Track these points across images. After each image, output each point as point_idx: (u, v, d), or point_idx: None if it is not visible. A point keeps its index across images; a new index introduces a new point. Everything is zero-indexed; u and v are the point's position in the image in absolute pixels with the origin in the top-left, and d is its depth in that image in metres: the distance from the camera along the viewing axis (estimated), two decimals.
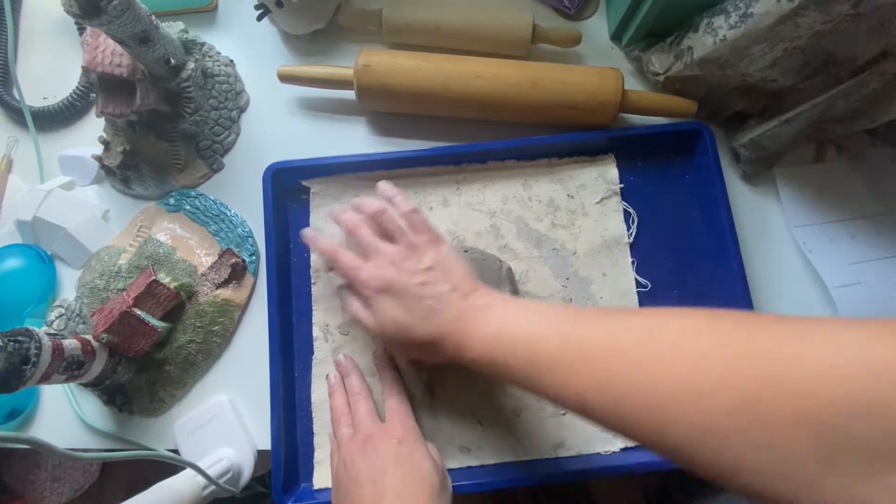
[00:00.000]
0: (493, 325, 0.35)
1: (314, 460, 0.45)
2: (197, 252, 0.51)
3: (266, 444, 0.46)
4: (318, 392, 0.47)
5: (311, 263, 0.49)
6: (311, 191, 0.50)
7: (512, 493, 0.64)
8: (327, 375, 0.46)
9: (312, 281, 0.49)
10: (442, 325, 0.37)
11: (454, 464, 0.45)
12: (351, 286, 0.43)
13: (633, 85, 0.54)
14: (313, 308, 0.48)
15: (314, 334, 0.48)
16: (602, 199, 0.50)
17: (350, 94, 0.51)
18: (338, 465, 0.40)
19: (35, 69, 0.58)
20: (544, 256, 0.49)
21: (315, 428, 0.46)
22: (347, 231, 0.43)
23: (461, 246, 0.49)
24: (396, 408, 0.42)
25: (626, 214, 0.50)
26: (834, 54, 0.42)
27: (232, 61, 0.56)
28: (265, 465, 0.48)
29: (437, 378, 0.46)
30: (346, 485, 0.38)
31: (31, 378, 0.37)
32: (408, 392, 0.45)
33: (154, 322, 0.45)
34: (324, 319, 0.48)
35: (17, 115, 0.56)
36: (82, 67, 0.45)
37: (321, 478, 0.45)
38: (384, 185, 0.45)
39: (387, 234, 0.42)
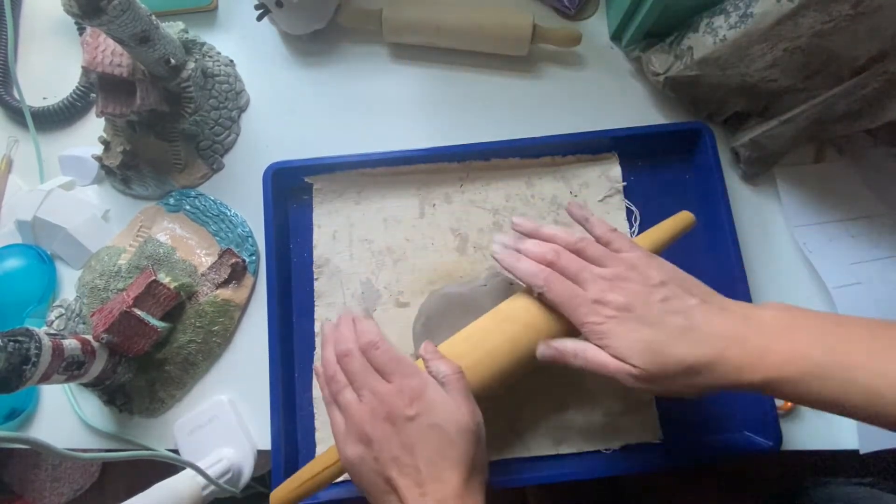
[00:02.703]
0: (802, 342, 0.31)
1: (316, 455, 0.45)
2: (197, 252, 0.51)
3: (266, 444, 0.46)
4: (320, 389, 0.47)
5: (315, 259, 0.49)
6: (314, 187, 0.51)
7: (520, 493, 0.65)
8: (321, 325, 0.42)
9: (315, 277, 0.49)
10: (708, 343, 0.32)
11: None
12: (570, 317, 0.36)
13: (633, 84, 0.55)
14: (315, 303, 0.49)
15: (316, 330, 0.48)
16: (605, 197, 0.50)
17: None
18: (348, 435, 0.34)
19: (35, 69, 0.58)
20: None
21: (317, 424, 0.46)
22: (544, 261, 0.37)
23: (465, 255, 0.48)
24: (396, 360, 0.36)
25: (629, 212, 0.50)
26: (834, 54, 0.42)
27: (232, 61, 0.56)
28: (265, 465, 0.48)
29: None
30: (374, 465, 0.33)
31: (31, 378, 0.37)
32: None
33: (154, 322, 0.45)
34: (326, 315, 0.48)
35: (17, 115, 0.56)
36: (82, 67, 0.45)
37: None
38: (549, 229, 0.39)
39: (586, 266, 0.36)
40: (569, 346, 0.35)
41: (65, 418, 0.49)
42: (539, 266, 0.37)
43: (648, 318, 0.33)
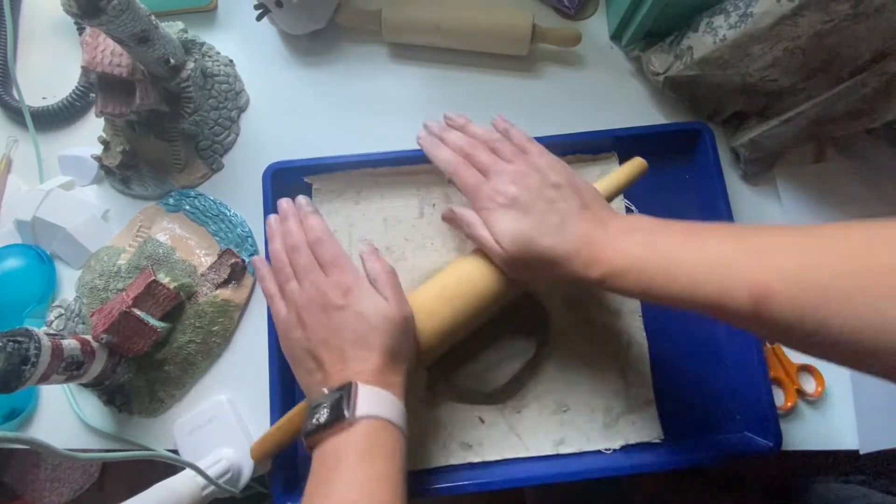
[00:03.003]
0: (631, 244, 0.34)
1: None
2: (196, 252, 0.51)
3: None
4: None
5: None
6: (314, 187, 0.51)
7: (520, 494, 0.65)
8: (267, 219, 0.43)
9: None
10: (569, 241, 0.36)
11: (455, 460, 0.45)
12: (472, 203, 0.40)
13: (633, 84, 0.55)
14: None
15: None
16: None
17: None
18: (289, 321, 0.38)
19: (35, 69, 0.58)
20: None
21: None
22: (461, 153, 0.42)
23: (464, 255, 0.49)
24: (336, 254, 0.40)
25: (629, 212, 0.50)
26: (834, 54, 0.42)
27: (231, 61, 0.56)
28: (265, 466, 0.48)
29: (438, 376, 0.46)
30: (307, 345, 0.37)
31: (31, 378, 0.37)
32: (411, 391, 0.45)
33: (153, 322, 0.45)
34: None
35: (16, 114, 0.56)
36: (82, 67, 0.45)
37: None
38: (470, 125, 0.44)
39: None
40: (467, 216, 0.40)
41: (64, 418, 0.49)
42: (454, 155, 0.42)
43: (531, 211, 0.37)
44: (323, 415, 0.33)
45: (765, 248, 0.30)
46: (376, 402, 0.34)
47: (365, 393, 0.34)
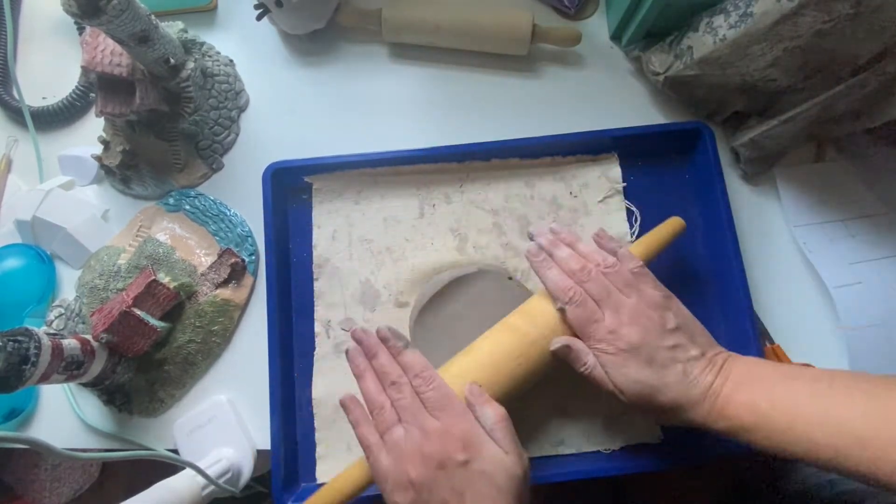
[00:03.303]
0: (758, 399, 0.34)
1: (316, 455, 0.45)
2: (196, 252, 0.51)
3: (266, 444, 0.46)
4: (319, 388, 0.47)
5: (314, 259, 0.49)
6: (314, 187, 0.51)
7: None
8: (346, 350, 0.39)
9: (315, 277, 0.49)
10: (693, 394, 0.35)
11: None
12: (583, 337, 0.38)
13: (633, 84, 0.55)
14: (315, 304, 0.49)
15: (316, 330, 0.48)
16: (605, 197, 0.50)
17: None
18: (397, 477, 0.33)
19: (35, 69, 0.58)
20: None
21: (316, 423, 0.46)
22: (574, 278, 0.39)
23: (464, 254, 0.49)
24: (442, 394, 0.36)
25: (629, 213, 0.50)
26: (834, 54, 0.42)
27: (232, 61, 0.56)
28: (265, 465, 0.48)
29: None
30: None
31: (31, 378, 0.37)
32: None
33: (153, 322, 0.45)
34: (325, 315, 0.48)
35: (16, 114, 0.56)
36: (82, 67, 0.45)
37: (324, 472, 0.45)
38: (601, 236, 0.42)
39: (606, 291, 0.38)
40: (585, 357, 0.38)
41: (64, 418, 0.49)
42: (569, 281, 0.39)
43: (653, 361, 0.36)
44: None
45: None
46: None
47: None
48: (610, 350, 0.37)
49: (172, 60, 0.47)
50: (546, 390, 0.46)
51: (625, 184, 0.50)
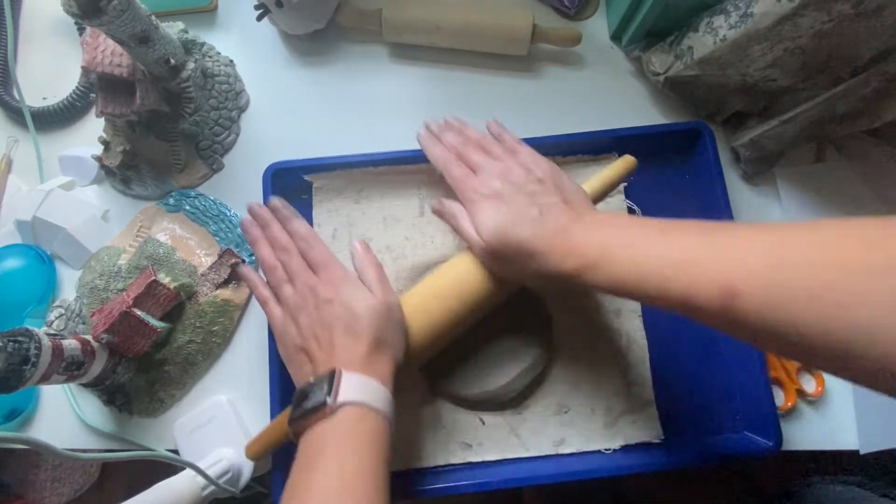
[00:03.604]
0: (607, 238, 0.35)
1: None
2: (197, 252, 0.51)
3: None
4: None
5: None
6: (314, 186, 0.50)
7: (517, 494, 0.64)
8: (241, 221, 0.44)
9: None
10: (546, 233, 0.36)
11: (455, 460, 0.45)
12: (459, 196, 0.42)
13: (633, 84, 0.55)
14: None
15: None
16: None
17: None
18: (285, 322, 0.40)
19: (35, 69, 0.58)
20: None
21: None
22: (454, 151, 0.43)
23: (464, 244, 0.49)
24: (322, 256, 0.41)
25: (630, 212, 0.50)
26: (834, 54, 0.42)
27: (232, 61, 0.56)
28: (265, 465, 0.48)
29: (436, 380, 0.46)
30: (299, 341, 0.38)
31: (31, 378, 0.37)
32: (410, 389, 0.45)
33: (154, 322, 0.45)
34: None
35: (17, 115, 0.56)
36: (82, 67, 0.45)
37: None
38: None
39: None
40: (452, 207, 0.42)
41: (65, 418, 0.49)
42: (447, 152, 0.43)
43: (511, 204, 0.38)
44: (307, 402, 0.34)
45: (734, 246, 0.29)
46: (360, 388, 0.34)
47: (349, 379, 0.34)
48: (474, 198, 0.40)
49: (173, 61, 0.47)
50: (546, 390, 0.46)
51: (625, 183, 0.50)
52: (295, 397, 0.36)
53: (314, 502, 0.30)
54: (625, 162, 0.45)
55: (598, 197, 0.43)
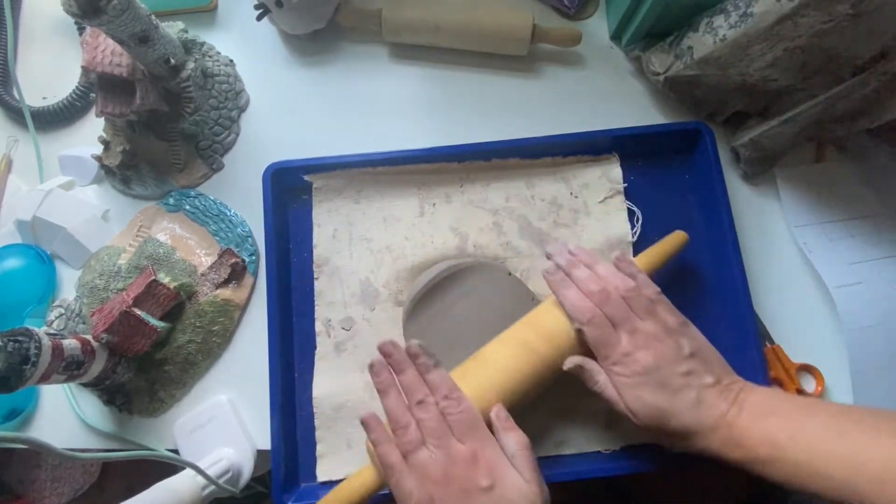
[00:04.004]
0: (776, 432, 0.34)
1: (316, 454, 0.45)
2: (197, 252, 0.51)
3: (266, 443, 0.46)
4: (320, 388, 0.47)
5: (315, 258, 0.49)
6: (314, 186, 0.50)
7: None
8: (371, 364, 0.38)
9: (315, 276, 0.49)
10: (706, 421, 0.35)
11: None
12: (599, 358, 0.38)
13: (633, 84, 0.55)
14: (316, 303, 0.49)
15: (316, 329, 0.48)
16: (605, 198, 0.50)
17: None
18: (420, 499, 0.33)
19: (35, 69, 0.58)
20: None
21: (316, 423, 0.46)
22: (593, 299, 0.39)
23: (464, 254, 0.49)
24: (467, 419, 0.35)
25: (630, 213, 0.50)
26: (834, 54, 0.42)
27: (232, 61, 0.56)
28: (265, 465, 0.48)
29: None
30: None
31: (31, 378, 0.37)
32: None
33: (154, 322, 0.45)
34: (326, 314, 0.48)
35: (17, 115, 0.56)
36: (82, 67, 0.45)
37: (325, 471, 0.45)
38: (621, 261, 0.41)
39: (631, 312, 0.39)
40: (597, 375, 0.38)
41: (65, 418, 0.49)
42: (588, 302, 0.39)
43: (667, 386, 0.36)
44: None
45: None
46: None
47: None
48: (624, 372, 0.37)
49: (173, 60, 0.47)
50: (548, 391, 0.46)
51: (625, 184, 0.50)
52: None
53: None
54: (676, 238, 0.45)
55: (650, 274, 0.42)
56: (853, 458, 0.31)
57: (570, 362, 0.39)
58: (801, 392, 0.46)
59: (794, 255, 0.49)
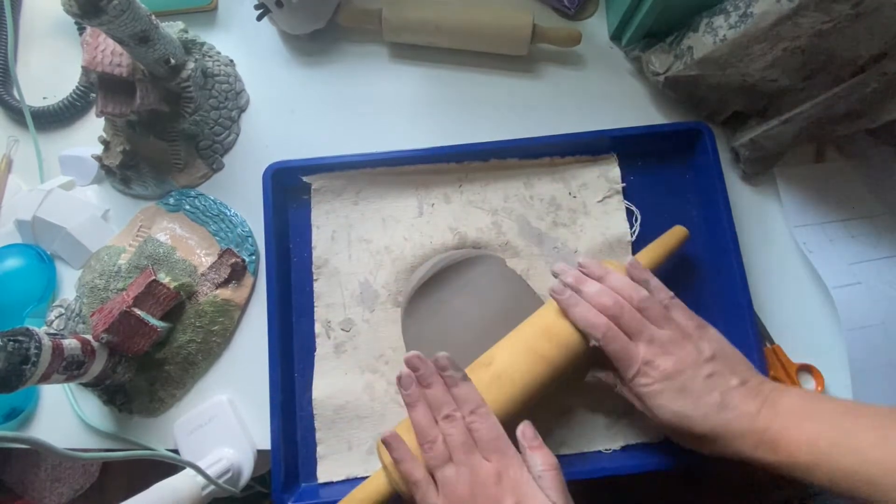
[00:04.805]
0: (816, 436, 0.33)
1: (316, 455, 0.45)
2: (197, 252, 0.51)
3: (266, 443, 0.46)
4: (320, 388, 0.47)
5: (314, 260, 0.49)
6: (313, 187, 0.50)
7: None
8: (399, 376, 0.38)
9: (315, 277, 0.49)
10: (733, 423, 0.35)
11: None
12: (621, 371, 0.38)
13: (633, 84, 0.55)
14: (315, 304, 0.48)
15: (316, 330, 0.48)
16: (604, 198, 0.50)
17: None
18: None
19: (35, 69, 0.58)
20: (545, 255, 0.49)
21: (316, 423, 0.46)
22: (606, 313, 0.38)
23: (463, 243, 0.49)
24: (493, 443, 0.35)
25: (629, 213, 0.50)
26: (834, 54, 0.42)
27: (232, 61, 0.56)
28: (265, 465, 0.48)
29: None
30: None
31: (31, 378, 0.37)
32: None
33: (154, 322, 0.45)
34: (325, 315, 0.48)
35: (17, 114, 0.56)
36: (82, 67, 0.45)
37: (325, 472, 0.45)
38: (634, 267, 0.41)
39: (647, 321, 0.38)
40: (620, 387, 0.40)
41: (65, 418, 0.49)
42: (601, 318, 0.38)
43: (690, 390, 0.36)
44: None
45: None
46: None
47: None
48: (646, 381, 0.37)
49: (173, 60, 0.47)
50: (547, 392, 0.46)
51: (624, 184, 0.50)
52: None
53: None
54: (676, 233, 0.46)
55: (652, 270, 0.42)
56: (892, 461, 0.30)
57: (591, 378, 0.41)
58: None
59: (793, 255, 0.49)
